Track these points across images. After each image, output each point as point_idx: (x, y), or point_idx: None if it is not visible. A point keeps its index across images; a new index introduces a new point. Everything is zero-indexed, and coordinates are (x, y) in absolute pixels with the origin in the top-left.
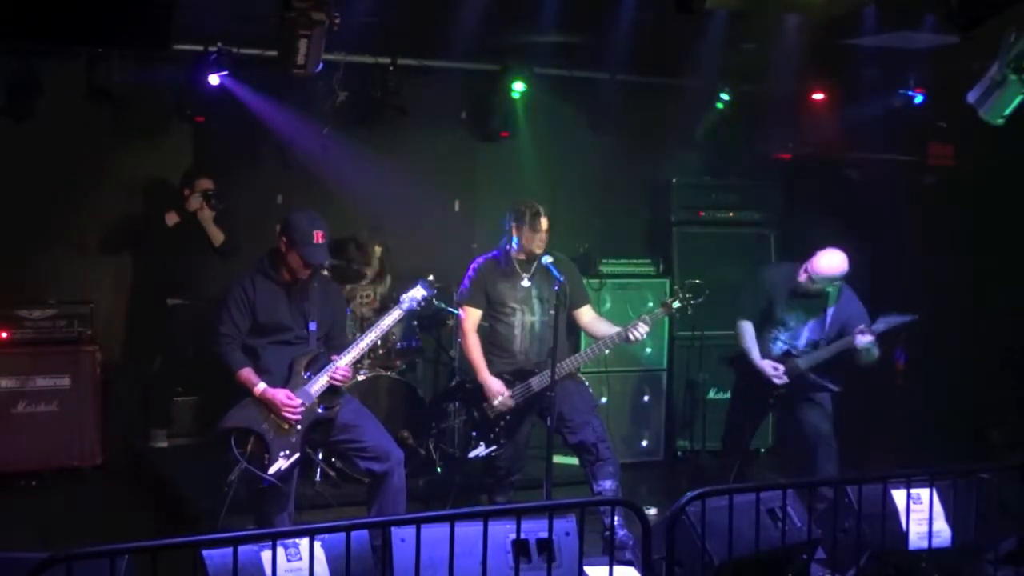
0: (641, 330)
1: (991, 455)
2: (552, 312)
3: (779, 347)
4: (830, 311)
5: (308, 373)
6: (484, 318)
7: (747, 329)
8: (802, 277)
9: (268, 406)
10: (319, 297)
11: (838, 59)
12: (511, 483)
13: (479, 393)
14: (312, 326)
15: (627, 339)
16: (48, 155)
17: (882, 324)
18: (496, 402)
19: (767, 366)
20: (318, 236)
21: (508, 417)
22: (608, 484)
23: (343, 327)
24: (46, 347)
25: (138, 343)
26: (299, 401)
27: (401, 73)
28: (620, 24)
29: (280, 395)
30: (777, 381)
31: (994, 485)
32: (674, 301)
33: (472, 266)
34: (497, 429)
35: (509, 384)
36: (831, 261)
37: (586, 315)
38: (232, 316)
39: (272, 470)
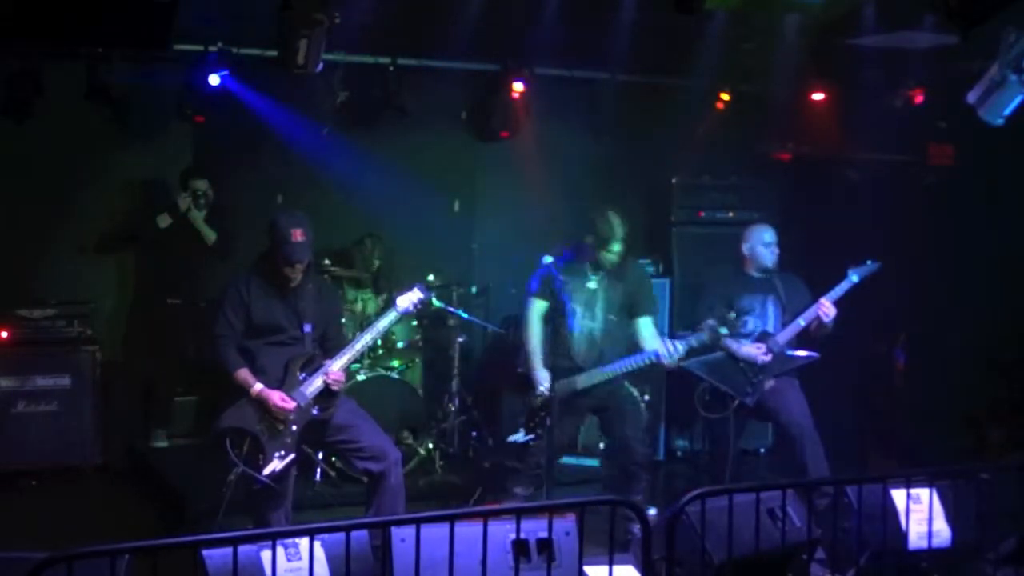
0: (670, 347)
1: (991, 455)
2: (612, 317)
3: (752, 331)
4: (778, 284)
5: (303, 374)
6: (548, 313)
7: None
8: (746, 265)
9: (263, 406)
10: (314, 298)
11: (838, 59)
12: (538, 475)
13: (528, 381)
14: (307, 327)
15: (659, 356)
16: (48, 155)
17: (856, 275)
18: (539, 390)
19: (750, 349)
20: (296, 234)
21: (552, 410)
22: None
23: (340, 327)
24: (46, 347)
25: (138, 343)
26: (293, 403)
27: (401, 73)
28: (620, 24)
29: (275, 396)
30: (762, 360)
31: (994, 485)
32: (721, 327)
33: (545, 260)
34: (538, 419)
35: (556, 378)
36: (759, 228)
37: (644, 328)
38: (227, 316)
39: (267, 471)
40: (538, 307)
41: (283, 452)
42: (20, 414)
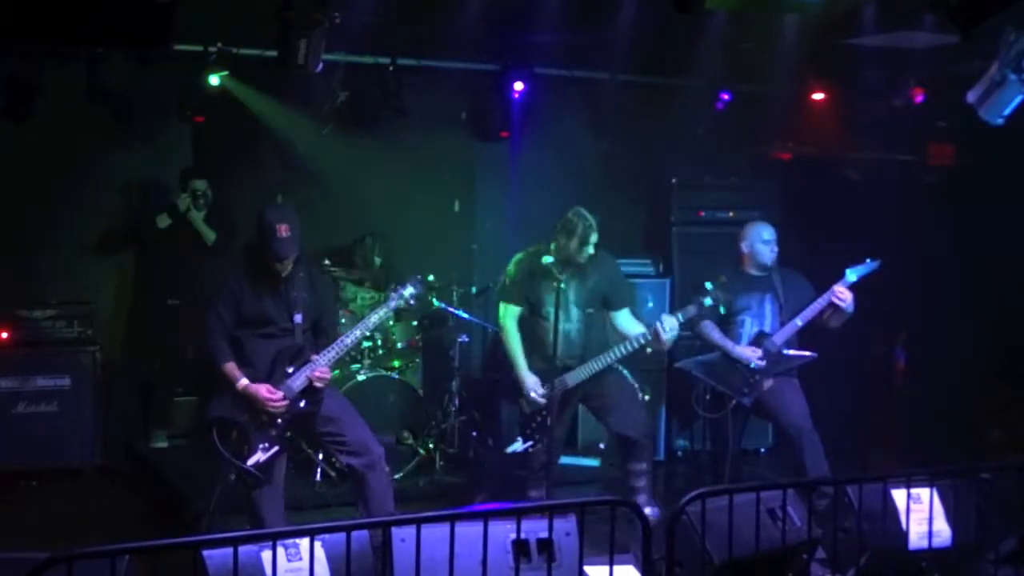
0: (668, 323)
1: (991, 455)
2: (590, 311)
3: (748, 331)
4: (777, 282)
5: (292, 367)
6: (523, 317)
7: (713, 326)
8: (745, 263)
9: (250, 400)
10: (305, 287)
11: (838, 59)
12: (545, 476)
13: (516, 388)
14: (297, 318)
15: (657, 336)
16: (48, 155)
17: (854, 274)
18: (532, 396)
19: (745, 351)
20: (282, 230)
21: (545, 413)
22: (644, 466)
23: (333, 315)
24: (46, 347)
25: (138, 343)
26: (280, 395)
27: (401, 73)
28: (620, 24)
29: (262, 390)
30: (756, 364)
31: (994, 485)
32: (706, 298)
33: (544, 260)
34: (534, 424)
35: (545, 379)
36: (757, 226)
37: (624, 319)
38: (218, 308)
39: (251, 461)
40: (511, 312)
41: (267, 444)
42: (20, 414)
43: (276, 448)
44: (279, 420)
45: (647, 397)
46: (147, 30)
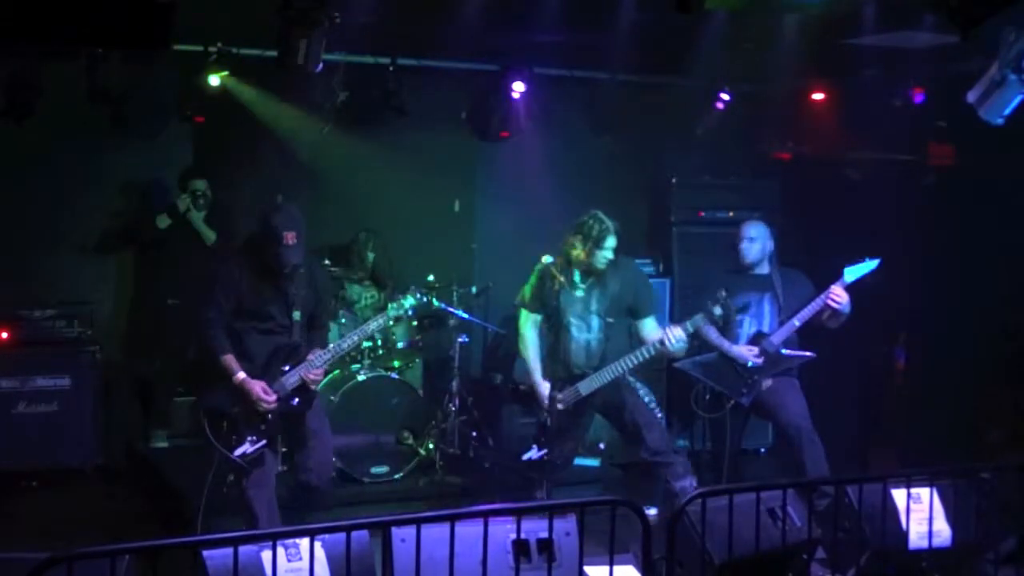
0: (674, 334)
1: (991, 455)
2: (611, 320)
3: (747, 330)
4: (776, 282)
5: (287, 365)
6: (543, 324)
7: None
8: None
9: (244, 394)
10: (305, 281)
11: (838, 59)
12: (551, 480)
13: (533, 396)
14: (296, 314)
15: (663, 344)
16: (48, 155)
17: (852, 274)
18: (546, 404)
19: (742, 350)
20: (289, 238)
21: (552, 416)
22: (688, 482)
23: (328, 310)
24: (46, 347)
25: (138, 343)
26: (274, 396)
27: (401, 73)
28: (620, 24)
29: (256, 387)
30: (753, 363)
31: (994, 485)
32: (715, 307)
33: (545, 260)
34: (548, 433)
35: (558, 388)
36: (743, 224)
37: (647, 326)
38: (218, 299)
39: (238, 452)
40: (532, 319)
41: (255, 437)
42: (20, 414)
43: (264, 442)
44: (269, 416)
45: (647, 398)
46: (147, 30)
